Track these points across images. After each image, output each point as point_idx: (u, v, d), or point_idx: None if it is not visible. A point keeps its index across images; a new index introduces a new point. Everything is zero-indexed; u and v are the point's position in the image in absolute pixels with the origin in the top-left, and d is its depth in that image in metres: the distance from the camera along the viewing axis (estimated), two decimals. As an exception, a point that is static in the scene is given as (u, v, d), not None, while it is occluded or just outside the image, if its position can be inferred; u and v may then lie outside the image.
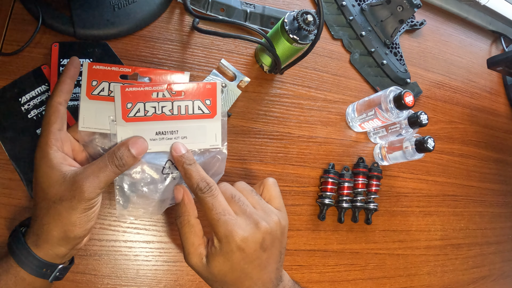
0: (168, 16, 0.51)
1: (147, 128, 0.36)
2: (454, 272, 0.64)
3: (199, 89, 0.36)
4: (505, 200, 0.74)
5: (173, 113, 0.36)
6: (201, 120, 0.37)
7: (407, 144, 0.54)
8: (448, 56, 0.76)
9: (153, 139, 0.36)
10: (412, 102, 0.50)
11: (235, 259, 0.32)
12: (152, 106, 0.35)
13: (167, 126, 0.36)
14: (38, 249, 0.31)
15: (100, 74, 0.35)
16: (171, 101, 0.36)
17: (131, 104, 0.35)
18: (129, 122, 0.35)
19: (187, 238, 0.35)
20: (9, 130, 0.41)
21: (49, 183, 0.31)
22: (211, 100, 0.37)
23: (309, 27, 0.45)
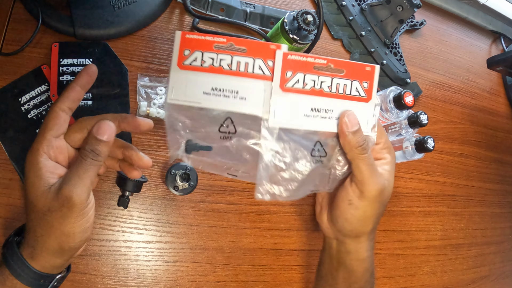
0: (168, 16, 0.51)
1: (304, 101, 0.32)
2: (454, 272, 0.64)
3: (359, 69, 0.34)
4: (505, 200, 0.74)
5: (331, 90, 0.33)
6: (357, 103, 0.34)
7: (407, 144, 0.54)
8: (448, 56, 0.76)
9: (307, 115, 0.33)
10: (412, 102, 0.50)
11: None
12: (312, 79, 0.32)
13: (324, 103, 0.33)
14: (34, 261, 0.30)
15: (193, 43, 0.31)
16: (331, 77, 0.33)
17: (291, 73, 0.32)
18: (286, 92, 0.32)
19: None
20: (9, 130, 0.41)
21: (36, 195, 0.30)
22: (369, 84, 0.34)
23: (309, 27, 0.45)
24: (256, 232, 0.49)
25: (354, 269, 0.38)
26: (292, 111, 0.32)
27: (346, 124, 0.33)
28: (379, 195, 0.34)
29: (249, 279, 0.48)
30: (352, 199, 0.34)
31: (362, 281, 0.39)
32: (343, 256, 0.38)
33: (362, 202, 0.34)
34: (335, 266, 0.39)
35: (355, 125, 0.33)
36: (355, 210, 0.35)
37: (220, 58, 0.31)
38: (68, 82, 0.43)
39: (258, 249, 0.49)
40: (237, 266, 0.48)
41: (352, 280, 0.39)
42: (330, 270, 0.40)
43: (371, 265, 0.40)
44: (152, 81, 0.47)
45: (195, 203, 0.47)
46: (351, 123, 0.33)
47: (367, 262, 0.39)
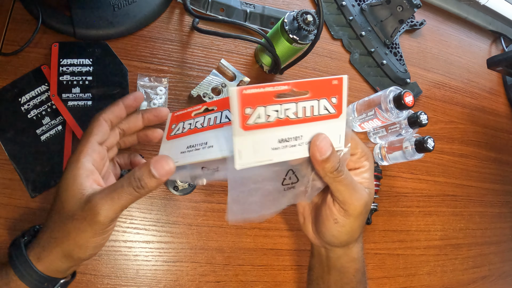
0: (168, 16, 0.51)
1: (269, 136, 0.30)
2: (454, 272, 0.64)
3: (325, 85, 0.31)
4: (505, 200, 0.74)
5: (298, 115, 0.31)
6: (326, 122, 0.32)
7: (407, 144, 0.54)
8: (448, 56, 0.76)
9: (275, 148, 0.31)
10: (412, 102, 0.50)
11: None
12: (275, 110, 0.30)
13: (292, 131, 0.31)
14: (40, 262, 0.30)
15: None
16: (296, 102, 0.30)
17: (250, 109, 0.29)
18: (248, 130, 0.29)
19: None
20: (9, 130, 0.41)
21: (67, 196, 0.29)
22: (337, 98, 0.31)
23: (309, 27, 0.45)
24: (256, 232, 0.49)
25: (345, 270, 0.38)
26: (259, 148, 0.30)
27: (318, 151, 0.31)
28: (363, 209, 0.34)
29: (249, 279, 0.48)
30: (338, 218, 0.34)
31: (354, 282, 0.39)
32: (334, 261, 0.38)
33: (347, 220, 0.34)
34: (326, 270, 0.39)
35: (327, 150, 0.31)
36: (341, 228, 0.35)
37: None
38: (68, 82, 0.43)
39: (258, 249, 0.49)
40: (237, 266, 0.48)
41: (344, 282, 0.39)
42: (321, 274, 0.40)
43: (362, 265, 0.40)
44: (152, 81, 0.47)
45: (195, 203, 0.47)
46: (323, 149, 0.31)
47: (358, 262, 0.39)
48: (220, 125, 0.34)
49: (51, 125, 0.42)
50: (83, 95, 0.43)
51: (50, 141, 0.42)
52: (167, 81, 0.48)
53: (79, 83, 0.44)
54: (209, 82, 0.51)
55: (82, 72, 0.44)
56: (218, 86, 0.51)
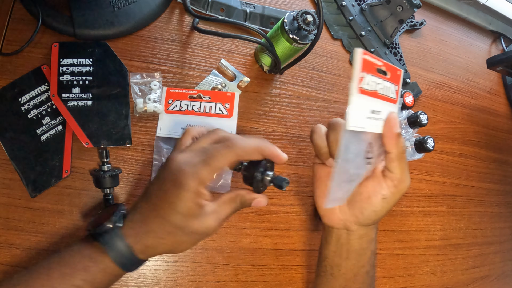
0: (168, 16, 0.51)
1: (369, 104, 0.33)
2: (453, 272, 0.64)
3: (396, 72, 0.36)
4: (505, 200, 0.74)
5: (383, 93, 0.35)
6: (390, 105, 0.36)
7: (407, 144, 0.54)
8: (448, 56, 0.76)
9: (368, 118, 0.34)
10: (411, 102, 0.50)
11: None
12: (374, 81, 0.33)
13: (378, 105, 0.34)
14: (142, 255, 0.33)
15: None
16: (384, 80, 0.34)
17: (364, 74, 0.32)
18: (361, 94, 0.32)
19: None
20: (9, 130, 0.41)
21: (191, 218, 0.32)
22: (398, 86, 0.37)
23: (309, 27, 0.45)
24: (256, 232, 0.49)
25: (363, 252, 0.40)
26: (361, 114, 0.33)
27: (393, 126, 0.34)
28: (407, 189, 0.37)
29: (249, 279, 0.48)
30: (386, 194, 0.36)
31: (369, 265, 0.40)
32: (354, 242, 0.40)
33: (394, 197, 0.36)
34: (344, 255, 0.40)
35: (398, 126, 0.35)
36: (387, 204, 0.37)
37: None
38: (68, 82, 0.43)
39: (258, 249, 0.49)
40: (237, 266, 0.48)
41: (360, 265, 0.40)
42: (337, 262, 0.41)
43: (375, 246, 0.42)
44: (144, 77, 0.47)
45: (195, 203, 0.47)
46: (397, 124, 0.34)
47: (374, 242, 0.41)
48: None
49: (51, 125, 0.42)
50: (83, 95, 0.43)
51: (50, 141, 0.42)
52: (159, 75, 0.48)
53: (79, 83, 0.44)
54: (209, 82, 0.51)
55: (82, 72, 0.44)
56: (218, 86, 0.51)
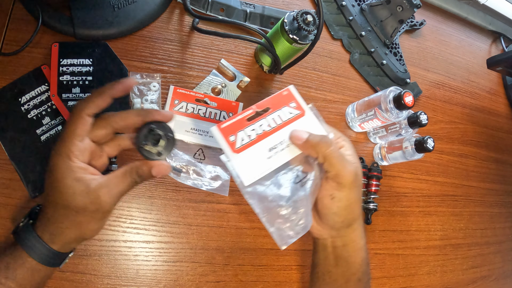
0: (168, 16, 0.51)
1: (258, 149, 0.36)
2: (453, 272, 0.64)
3: (279, 98, 0.38)
4: (505, 200, 0.74)
5: (272, 126, 0.37)
6: (298, 122, 0.38)
7: (407, 144, 0.54)
8: (448, 56, 0.76)
9: (269, 157, 0.37)
10: (411, 102, 0.50)
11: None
12: (252, 129, 0.37)
13: (274, 139, 0.37)
14: (54, 245, 0.33)
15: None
16: (264, 117, 0.37)
17: (233, 136, 0.36)
18: (240, 152, 0.36)
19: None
20: (9, 130, 0.41)
21: (74, 195, 0.32)
22: (295, 101, 0.39)
23: (309, 27, 0.45)
24: (256, 232, 0.49)
25: (352, 260, 0.40)
26: (256, 162, 0.36)
27: (296, 138, 0.37)
28: (354, 179, 0.36)
29: (249, 279, 0.48)
30: (333, 193, 0.36)
31: (360, 272, 0.40)
32: (340, 250, 0.39)
33: (343, 192, 0.36)
34: (333, 263, 0.40)
35: (302, 134, 0.36)
36: (339, 202, 0.37)
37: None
38: (68, 82, 0.43)
39: (258, 249, 0.49)
40: (237, 266, 0.48)
41: (351, 272, 0.40)
42: (327, 269, 0.41)
43: (366, 254, 0.41)
44: (144, 78, 0.47)
45: (195, 203, 0.47)
46: (299, 135, 0.37)
47: (363, 251, 0.40)
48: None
49: (51, 125, 0.42)
50: (83, 95, 0.43)
51: (50, 141, 0.42)
52: (159, 76, 0.48)
53: (79, 83, 0.44)
54: (209, 82, 0.51)
55: (82, 72, 0.44)
56: (218, 86, 0.51)
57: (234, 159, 0.36)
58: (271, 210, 0.37)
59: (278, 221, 0.37)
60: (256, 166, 0.36)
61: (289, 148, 0.37)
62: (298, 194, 0.38)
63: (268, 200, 0.37)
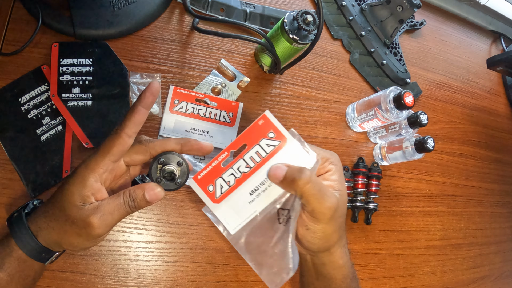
0: (168, 16, 0.51)
1: (240, 195, 0.35)
2: (454, 272, 0.64)
3: (255, 130, 0.35)
4: (505, 200, 0.74)
5: (251, 166, 0.35)
6: (279, 153, 0.35)
7: (407, 144, 0.54)
8: (448, 56, 0.76)
9: (251, 201, 0.35)
10: (412, 102, 0.50)
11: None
12: (230, 174, 0.35)
13: (255, 180, 0.35)
14: (39, 238, 0.33)
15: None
16: (241, 158, 0.35)
17: (212, 186, 0.35)
18: (221, 201, 0.35)
19: None
20: (9, 130, 0.41)
21: (70, 206, 0.31)
22: (273, 131, 0.35)
23: (309, 27, 0.45)
24: (256, 232, 0.49)
25: (333, 277, 0.38)
26: (239, 208, 0.35)
27: (274, 176, 0.34)
28: (333, 215, 0.34)
29: (249, 279, 0.48)
30: (308, 225, 0.35)
31: (343, 286, 0.39)
32: (319, 267, 0.39)
33: (318, 226, 0.34)
34: (315, 276, 0.40)
35: (281, 170, 0.33)
36: (314, 234, 0.35)
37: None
38: (68, 82, 0.43)
39: (258, 249, 0.49)
40: (237, 266, 0.48)
41: (333, 287, 0.39)
42: (311, 280, 0.41)
43: (350, 270, 0.39)
44: (144, 78, 0.47)
45: (195, 203, 0.47)
46: (276, 172, 0.34)
47: (345, 268, 0.39)
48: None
49: (51, 125, 0.42)
50: (83, 95, 0.43)
51: (50, 141, 0.42)
52: (159, 76, 0.48)
53: (79, 83, 0.44)
54: (209, 82, 0.51)
55: (82, 72, 0.44)
56: (218, 86, 0.51)
57: (215, 210, 0.34)
58: (259, 256, 0.36)
59: (267, 264, 0.36)
60: (239, 212, 0.35)
61: (271, 187, 0.35)
62: (283, 235, 0.36)
63: (255, 245, 0.36)
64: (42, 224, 0.33)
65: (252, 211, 0.35)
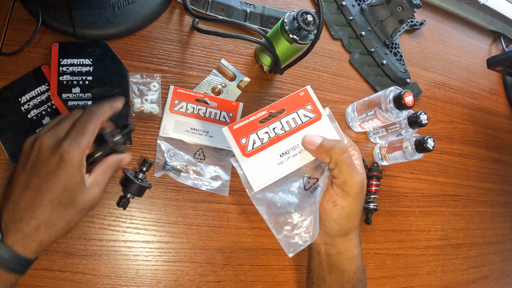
0: (168, 16, 0.51)
1: (270, 154, 0.35)
2: (454, 272, 0.64)
3: (296, 99, 0.37)
4: (505, 200, 0.74)
5: (286, 130, 0.36)
6: (312, 126, 0.37)
7: (407, 144, 0.54)
8: (448, 56, 0.76)
9: (280, 163, 0.36)
10: (412, 102, 0.50)
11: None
12: (265, 132, 0.36)
13: (287, 144, 0.36)
14: (33, 254, 0.31)
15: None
16: (278, 120, 0.36)
17: (245, 139, 0.35)
18: (251, 156, 0.35)
19: None
20: (9, 130, 0.41)
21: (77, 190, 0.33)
22: (311, 104, 0.37)
23: (309, 27, 0.45)
24: (256, 232, 0.49)
25: (346, 268, 0.39)
26: (266, 167, 0.35)
27: (310, 144, 0.36)
28: (360, 190, 0.36)
29: (249, 279, 0.48)
30: (337, 200, 0.36)
31: (355, 280, 0.40)
32: (334, 258, 0.39)
33: (346, 201, 0.36)
34: (327, 269, 0.40)
35: (317, 138, 0.36)
36: (341, 210, 0.36)
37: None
38: (68, 82, 0.43)
39: (258, 249, 0.49)
40: (237, 266, 0.48)
41: (345, 280, 0.39)
42: (321, 275, 0.41)
43: (361, 262, 0.41)
44: (144, 78, 0.47)
45: (195, 203, 0.47)
46: (313, 140, 0.36)
47: (357, 259, 0.40)
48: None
49: (51, 125, 0.42)
50: (83, 95, 0.43)
51: (50, 141, 0.42)
52: (159, 76, 0.48)
53: (79, 83, 0.44)
54: (209, 82, 0.51)
55: (82, 72, 0.44)
56: (218, 86, 0.51)
57: (243, 163, 0.35)
58: (279, 217, 0.37)
59: (286, 228, 0.37)
60: (266, 171, 0.35)
61: (301, 154, 0.36)
62: (307, 201, 0.37)
63: (276, 206, 0.37)
64: (41, 236, 0.31)
65: (278, 173, 0.36)
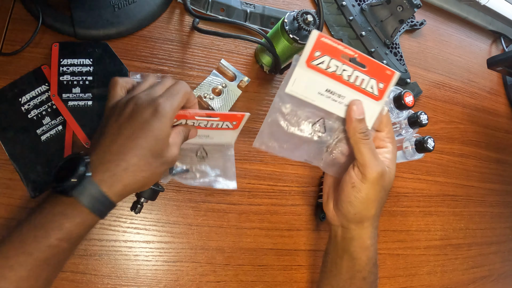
0: (168, 16, 0.51)
1: (321, 81, 0.36)
2: (454, 272, 0.64)
3: (380, 70, 0.37)
4: (505, 200, 0.74)
5: (350, 80, 0.37)
6: (368, 99, 0.37)
7: (407, 144, 0.54)
8: (448, 56, 0.76)
9: (320, 94, 0.36)
10: (412, 102, 0.50)
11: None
12: (336, 65, 0.36)
13: (339, 88, 0.37)
14: (116, 197, 0.32)
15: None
16: (354, 69, 0.36)
17: (319, 53, 0.35)
18: (309, 68, 0.35)
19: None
20: (9, 130, 0.41)
21: (166, 143, 0.34)
22: (384, 85, 0.37)
23: (309, 27, 0.45)
24: (256, 232, 0.49)
25: (357, 256, 0.40)
26: (309, 86, 0.36)
27: (354, 111, 0.36)
28: (380, 178, 0.36)
29: (249, 279, 0.48)
30: (355, 182, 0.37)
31: (366, 271, 0.40)
32: (347, 243, 0.40)
33: (364, 185, 0.36)
34: (340, 254, 0.41)
35: (361, 113, 0.37)
36: (358, 193, 0.37)
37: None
38: (68, 82, 0.43)
39: (258, 249, 0.49)
40: (237, 266, 0.48)
41: (356, 269, 0.40)
42: (334, 259, 0.41)
43: (374, 254, 0.41)
44: (144, 77, 0.47)
45: (195, 203, 0.47)
46: (359, 111, 0.36)
47: (371, 250, 0.40)
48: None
49: (52, 125, 0.42)
50: (84, 95, 0.43)
51: (51, 141, 0.42)
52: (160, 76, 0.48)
53: (80, 83, 0.44)
54: (209, 82, 0.51)
55: (82, 72, 0.44)
56: (219, 86, 0.51)
57: (300, 67, 0.35)
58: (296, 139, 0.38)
59: (303, 148, 0.38)
60: (308, 88, 0.36)
61: (340, 106, 0.37)
62: (303, 139, 0.38)
63: (284, 116, 0.37)
64: (128, 179, 0.32)
65: (314, 99, 0.37)
